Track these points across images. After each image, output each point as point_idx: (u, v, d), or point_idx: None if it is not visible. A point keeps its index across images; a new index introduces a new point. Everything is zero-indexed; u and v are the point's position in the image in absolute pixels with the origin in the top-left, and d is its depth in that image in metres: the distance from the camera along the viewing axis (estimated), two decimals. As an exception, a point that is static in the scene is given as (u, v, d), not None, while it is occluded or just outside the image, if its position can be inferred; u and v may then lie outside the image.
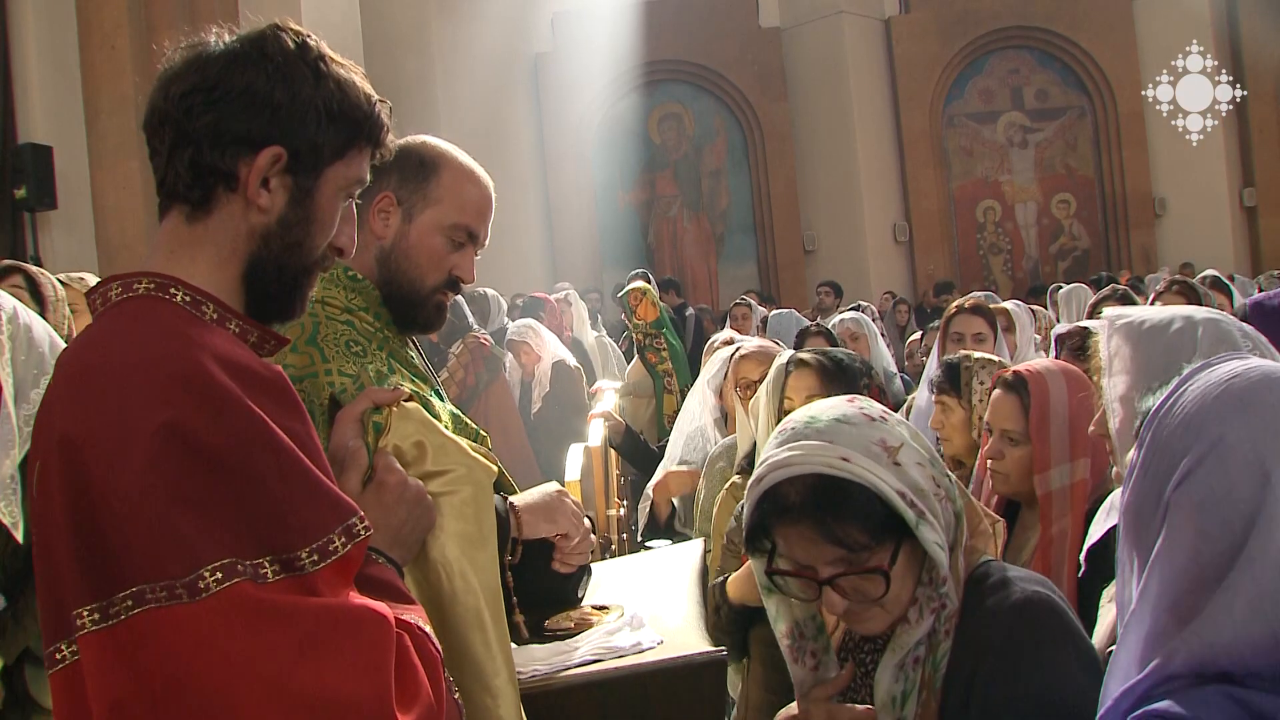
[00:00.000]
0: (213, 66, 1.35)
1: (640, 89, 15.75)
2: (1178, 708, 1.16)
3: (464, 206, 1.97)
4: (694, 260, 16.17)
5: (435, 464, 1.56)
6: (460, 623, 1.51)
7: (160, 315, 1.28)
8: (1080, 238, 16.57)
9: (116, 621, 1.12)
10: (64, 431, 1.18)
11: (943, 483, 1.68)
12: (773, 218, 15.96)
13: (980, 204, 16.59)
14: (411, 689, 1.20)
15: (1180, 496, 1.23)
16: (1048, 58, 16.40)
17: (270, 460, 1.19)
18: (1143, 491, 1.28)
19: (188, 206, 1.36)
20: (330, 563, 1.20)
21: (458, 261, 1.98)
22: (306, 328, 1.77)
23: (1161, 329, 1.89)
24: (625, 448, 5.02)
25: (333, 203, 1.42)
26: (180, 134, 1.35)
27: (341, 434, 1.52)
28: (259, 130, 1.34)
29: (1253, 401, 1.23)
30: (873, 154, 15.91)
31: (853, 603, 1.65)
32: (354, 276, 1.91)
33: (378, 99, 1.46)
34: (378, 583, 1.33)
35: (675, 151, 16.22)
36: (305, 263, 1.42)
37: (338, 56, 1.43)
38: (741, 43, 15.83)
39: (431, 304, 1.97)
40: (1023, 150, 16.54)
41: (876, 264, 15.68)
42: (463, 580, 1.52)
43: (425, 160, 1.98)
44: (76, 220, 8.19)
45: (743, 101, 15.94)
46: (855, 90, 15.79)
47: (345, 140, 1.41)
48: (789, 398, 2.74)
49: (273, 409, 1.23)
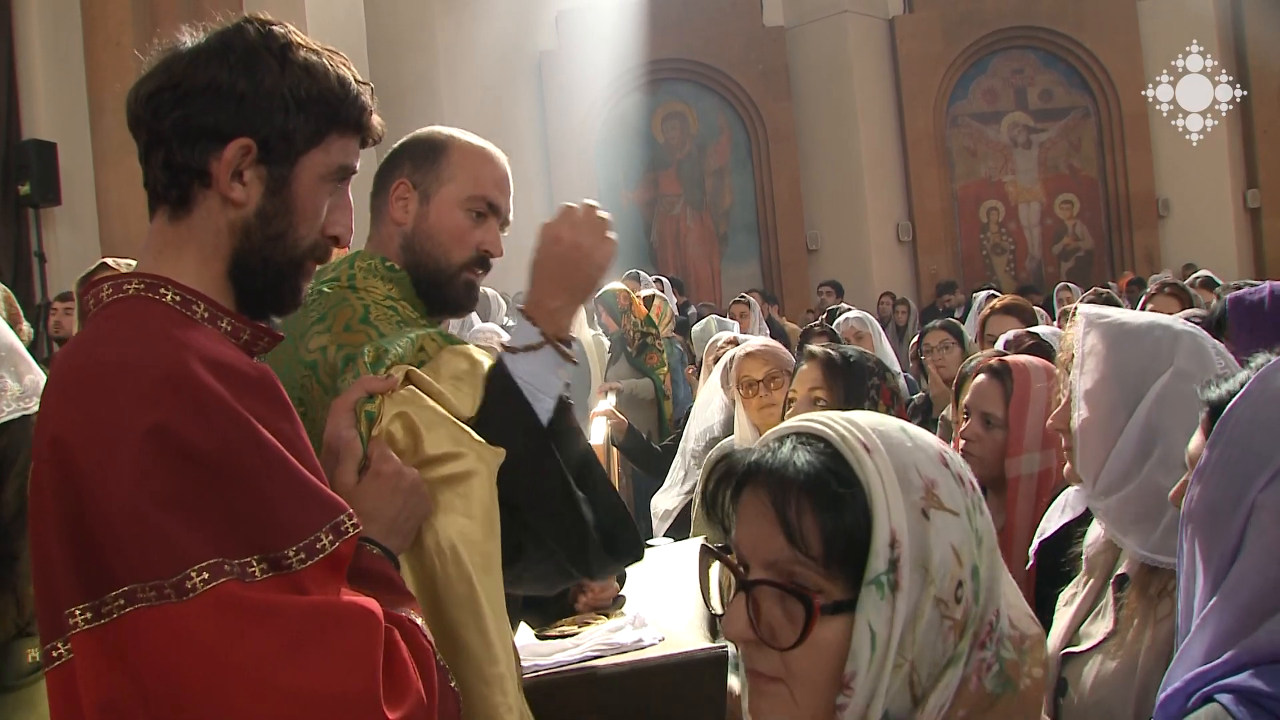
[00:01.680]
0: (178, 64, 1.35)
1: (644, 87, 15.74)
2: (1259, 681, 1.17)
3: (478, 178, 1.99)
4: (697, 259, 16.17)
5: (434, 448, 1.54)
6: (455, 610, 1.50)
7: (149, 317, 1.29)
8: (1083, 238, 16.55)
9: (108, 620, 1.13)
10: (55, 433, 1.19)
11: (969, 606, 1.07)
12: (776, 217, 15.95)
13: (984, 204, 16.57)
14: (401, 684, 1.20)
15: (1268, 498, 1.22)
16: (1052, 58, 16.38)
17: (257, 461, 1.20)
18: (1220, 489, 1.27)
19: (169, 207, 1.36)
20: (318, 560, 1.21)
21: (482, 236, 1.98)
22: (357, 309, 1.81)
23: (1141, 334, 1.88)
24: (628, 446, 5.00)
25: (314, 191, 1.40)
26: (152, 135, 1.35)
27: (335, 424, 1.52)
28: (225, 123, 1.33)
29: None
30: (876, 153, 15.89)
31: (756, 637, 1.08)
32: (391, 267, 1.94)
33: (358, 82, 1.44)
34: (372, 575, 1.33)
35: (679, 150, 16.21)
36: (292, 254, 1.40)
37: (310, 42, 1.41)
38: (746, 42, 15.82)
39: (460, 281, 1.98)
40: (1026, 150, 16.52)
41: (879, 264, 15.66)
42: (457, 567, 1.51)
43: (434, 143, 2.01)
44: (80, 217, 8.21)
45: (747, 100, 15.93)
46: (859, 90, 15.78)
47: (319, 126, 1.39)
48: (794, 390, 2.72)
49: (260, 409, 1.24)
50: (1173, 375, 1.79)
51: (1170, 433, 1.74)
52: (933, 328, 5.29)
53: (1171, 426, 1.74)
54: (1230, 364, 1.83)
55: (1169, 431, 1.74)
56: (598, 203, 1.85)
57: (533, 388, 1.69)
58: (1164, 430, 1.76)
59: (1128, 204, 16.19)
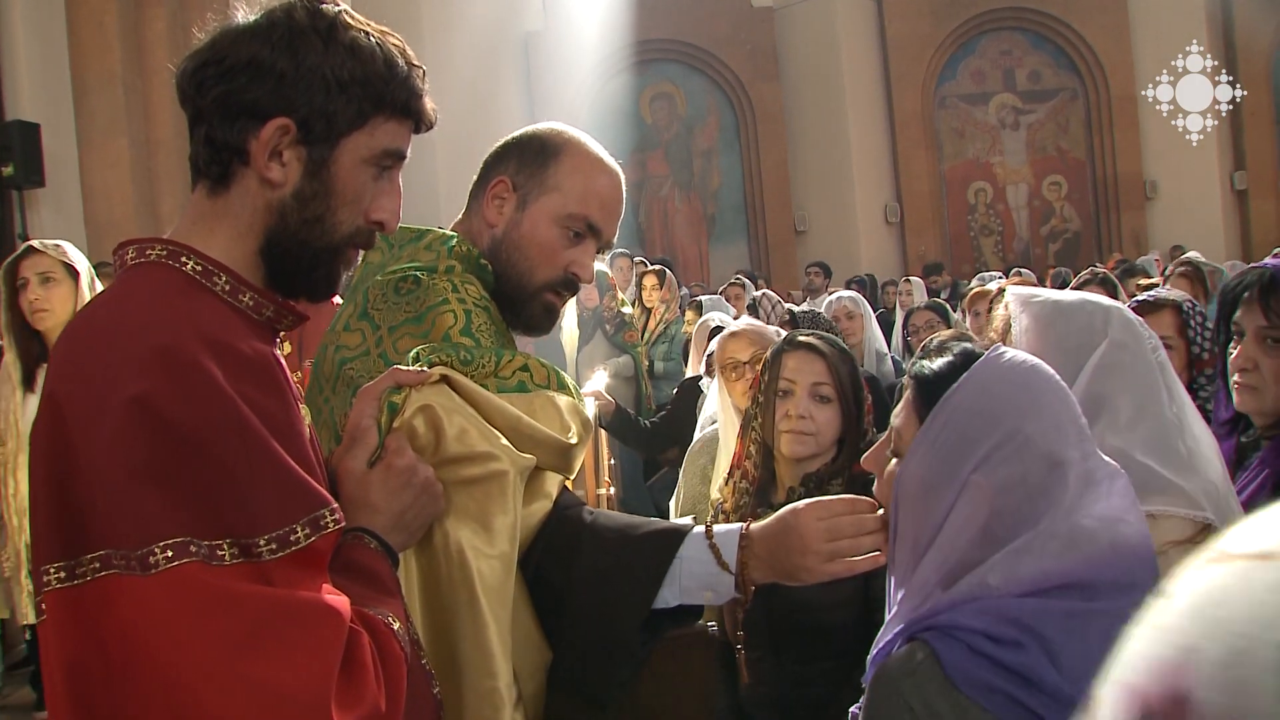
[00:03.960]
0: (224, 40, 1.33)
1: (632, 68, 15.70)
2: (953, 616, 1.40)
3: (585, 196, 1.84)
4: (685, 240, 16.16)
5: (459, 448, 1.48)
6: (453, 616, 1.46)
7: (163, 284, 1.27)
8: (1071, 220, 16.59)
9: (82, 582, 1.12)
10: (51, 389, 1.19)
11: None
12: (764, 198, 15.95)
13: (971, 185, 16.59)
14: (358, 688, 1.17)
15: (980, 477, 1.43)
16: (1040, 39, 16.38)
17: (237, 444, 1.18)
18: (934, 468, 1.47)
19: (209, 182, 1.35)
20: (289, 553, 1.18)
21: (575, 257, 1.83)
22: (459, 317, 1.68)
23: (1074, 310, 1.95)
24: (615, 426, 4.98)
25: (356, 175, 1.37)
26: (196, 110, 1.34)
27: (358, 411, 1.48)
28: (264, 101, 1.31)
29: (1040, 398, 1.47)
30: (864, 134, 15.89)
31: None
32: (484, 266, 1.82)
33: (410, 65, 1.40)
34: (357, 569, 1.31)
35: (667, 131, 16.18)
36: (332, 239, 1.37)
37: (363, 23, 1.39)
38: (734, 22, 15.78)
39: (539, 302, 1.84)
40: (1014, 132, 16.54)
41: (867, 245, 15.68)
42: (461, 573, 1.45)
43: (548, 145, 1.86)
44: (64, 198, 8.16)
45: (735, 81, 15.90)
46: (847, 70, 15.76)
47: (363, 108, 1.35)
48: (789, 379, 2.65)
49: (253, 391, 1.22)
50: (1109, 345, 1.89)
51: (1114, 397, 1.85)
52: (919, 308, 5.32)
53: (1114, 391, 1.85)
54: (1152, 336, 1.96)
55: (1112, 396, 1.85)
56: None
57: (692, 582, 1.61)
58: (1108, 396, 1.85)
59: (1115, 186, 16.23)
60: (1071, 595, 1.40)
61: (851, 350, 2.81)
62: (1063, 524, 1.42)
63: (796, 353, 2.65)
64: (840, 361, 2.62)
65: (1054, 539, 1.41)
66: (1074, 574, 1.41)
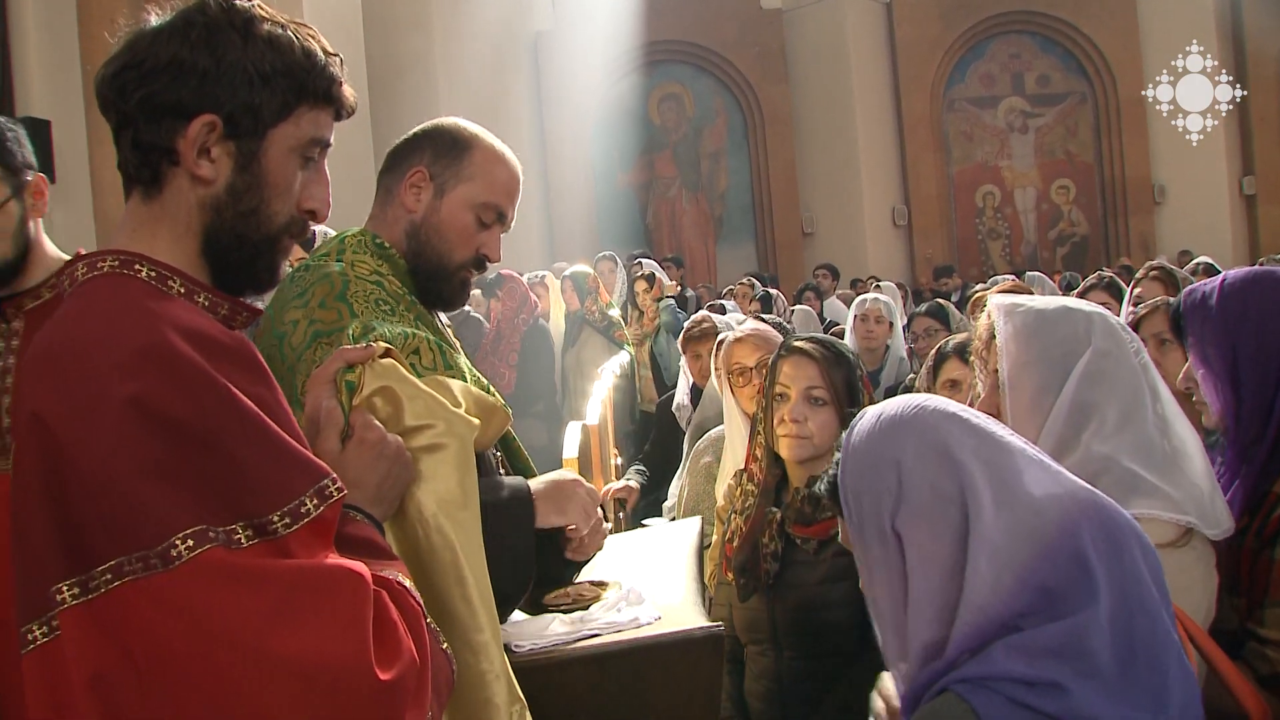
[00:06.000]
0: (141, 43, 1.34)
1: (640, 69, 15.71)
2: (976, 668, 1.42)
3: (494, 185, 2.04)
4: (692, 241, 16.16)
5: (413, 419, 1.54)
6: (439, 578, 1.51)
7: (123, 291, 1.28)
8: (1079, 224, 16.57)
9: (97, 595, 1.13)
10: (33, 410, 1.18)
11: None
12: (771, 200, 15.95)
13: (979, 189, 16.58)
14: (392, 645, 1.20)
15: (902, 522, 1.51)
16: (1049, 43, 16.36)
17: (236, 427, 1.19)
18: (865, 532, 1.55)
19: (142, 187, 1.36)
20: (303, 525, 1.20)
21: (485, 240, 2.04)
22: (336, 284, 1.85)
23: (1058, 319, 1.97)
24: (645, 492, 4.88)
25: (285, 165, 1.39)
26: (120, 115, 1.34)
27: (316, 395, 1.51)
28: (188, 100, 1.32)
29: (900, 425, 1.56)
30: (872, 137, 15.88)
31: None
32: (381, 245, 1.99)
33: (326, 54, 1.42)
34: (357, 540, 1.33)
35: (675, 132, 16.18)
36: (267, 230, 1.39)
37: (276, 15, 1.39)
38: (742, 24, 15.78)
39: (456, 279, 2.04)
40: (1023, 135, 16.52)
41: (875, 247, 15.67)
42: (440, 536, 1.51)
43: (459, 139, 2.04)
44: (74, 195, 8.18)
45: (743, 83, 15.90)
46: (856, 73, 15.76)
47: (286, 99, 1.37)
48: (784, 385, 2.67)
49: (238, 376, 1.23)
50: (1093, 353, 1.91)
51: (1102, 405, 1.89)
52: (919, 314, 5.35)
53: (1101, 399, 1.89)
54: (1134, 339, 1.98)
55: (1100, 404, 1.89)
56: None
57: None
58: (1095, 403, 1.89)
59: (1124, 190, 16.21)
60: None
61: (874, 353, 2.81)
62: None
63: (790, 358, 2.70)
64: (834, 364, 2.65)
65: None
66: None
